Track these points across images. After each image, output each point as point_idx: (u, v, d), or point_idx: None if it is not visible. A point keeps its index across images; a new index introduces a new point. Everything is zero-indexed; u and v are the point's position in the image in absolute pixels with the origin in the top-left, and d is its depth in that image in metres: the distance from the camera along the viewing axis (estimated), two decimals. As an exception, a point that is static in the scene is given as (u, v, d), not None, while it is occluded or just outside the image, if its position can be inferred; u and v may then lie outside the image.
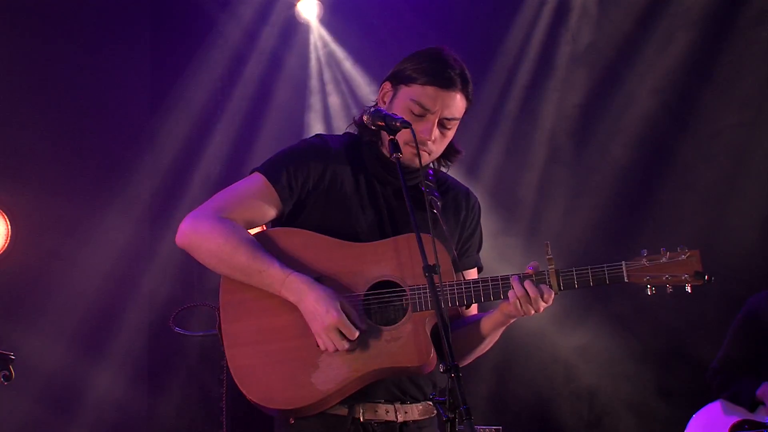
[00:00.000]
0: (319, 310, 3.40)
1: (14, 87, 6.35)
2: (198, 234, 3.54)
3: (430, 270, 3.25)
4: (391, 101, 3.65)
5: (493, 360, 6.76)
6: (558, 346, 6.91)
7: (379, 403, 3.54)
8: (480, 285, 3.47)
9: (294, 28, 7.38)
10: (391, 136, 3.42)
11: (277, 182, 3.57)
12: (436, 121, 3.59)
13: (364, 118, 3.52)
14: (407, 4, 7.33)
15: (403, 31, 7.17)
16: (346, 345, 3.40)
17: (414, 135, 3.39)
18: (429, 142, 3.58)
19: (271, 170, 3.59)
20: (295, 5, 7.32)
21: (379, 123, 3.46)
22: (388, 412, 3.54)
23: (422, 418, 3.60)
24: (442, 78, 3.60)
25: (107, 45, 6.94)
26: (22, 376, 5.59)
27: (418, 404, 3.59)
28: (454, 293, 3.45)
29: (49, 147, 6.49)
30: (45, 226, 6.27)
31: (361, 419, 3.51)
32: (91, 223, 6.49)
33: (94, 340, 6.44)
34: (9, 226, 5.94)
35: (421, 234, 3.36)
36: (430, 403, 3.60)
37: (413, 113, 3.58)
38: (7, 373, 4.46)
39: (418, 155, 3.40)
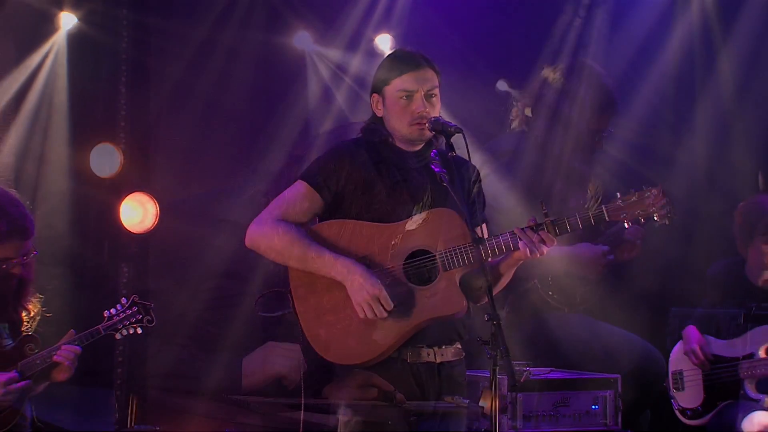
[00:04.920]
0: (365, 284, 3.93)
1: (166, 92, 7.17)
2: (262, 236, 4.14)
3: (477, 242, 3.92)
4: (384, 105, 4.20)
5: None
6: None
7: (422, 347, 4.09)
8: (493, 241, 4.01)
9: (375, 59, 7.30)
10: (447, 139, 4.02)
11: (317, 185, 4.16)
12: (423, 96, 4.13)
13: (427, 124, 4.09)
14: (470, 39, 7.65)
15: (465, 63, 7.41)
16: (384, 313, 3.92)
17: (465, 139, 3.96)
18: (425, 113, 4.09)
19: (311, 176, 4.18)
20: (374, 39, 7.66)
21: (438, 128, 4.06)
22: (429, 354, 4.10)
23: (454, 359, 4.18)
24: (410, 64, 4.15)
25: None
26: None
27: (451, 347, 4.16)
28: (478, 251, 3.95)
29: (189, 146, 7.37)
30: (184, 210, 7.24)
31: (408, 360, 4.08)
32: (220, 208, 7.20)
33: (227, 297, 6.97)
34: (158, 209, 6.92)
35: (447, 209, 4.01)
36: (459, 346, 4.20)
37: (403, 100, 4.14)
38: (150, 318, 4.99)
39: (468, 154, 4.00)
